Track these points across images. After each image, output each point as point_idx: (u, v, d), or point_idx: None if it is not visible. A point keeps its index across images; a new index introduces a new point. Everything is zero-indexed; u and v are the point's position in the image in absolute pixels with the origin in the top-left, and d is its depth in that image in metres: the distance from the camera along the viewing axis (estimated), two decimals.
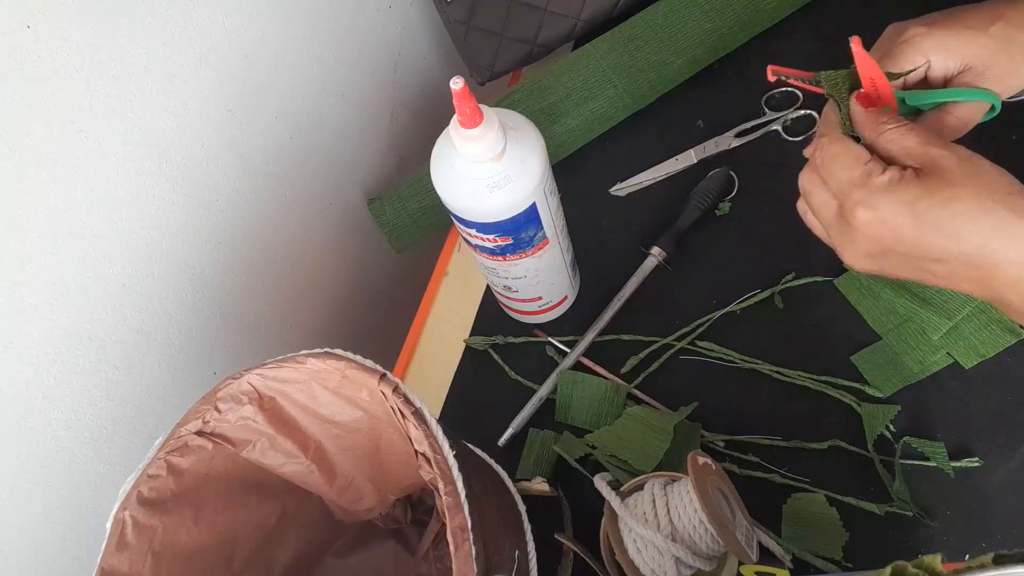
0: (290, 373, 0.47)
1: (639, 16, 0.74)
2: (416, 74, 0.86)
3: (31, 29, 0.45)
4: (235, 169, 0.64)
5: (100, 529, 0.46)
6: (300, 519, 0.57)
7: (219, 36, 0.59)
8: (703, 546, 0.49)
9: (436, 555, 0.61)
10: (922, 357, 0.58)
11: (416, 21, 0.84)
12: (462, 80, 0.46)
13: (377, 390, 0.44)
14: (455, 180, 0.53)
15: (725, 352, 0.63)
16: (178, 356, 0.63)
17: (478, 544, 0.39)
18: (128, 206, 0.55)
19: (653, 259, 0.67)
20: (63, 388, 0.54)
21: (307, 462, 0.53)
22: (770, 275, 0.65)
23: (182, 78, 0.57)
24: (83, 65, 0.49)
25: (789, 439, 0.59)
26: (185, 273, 0.62)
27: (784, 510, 0.57)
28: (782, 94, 0.73)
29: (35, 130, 0.47)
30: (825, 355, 0.61)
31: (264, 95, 0.65)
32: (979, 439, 0.56)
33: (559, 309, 0.68)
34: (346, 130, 0.77)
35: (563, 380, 0.65)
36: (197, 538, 0.49)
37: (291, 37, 0.67)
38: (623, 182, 0.73)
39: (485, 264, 0.61)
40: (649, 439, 0.59)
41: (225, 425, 0.49)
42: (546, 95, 0.72)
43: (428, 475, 0.42)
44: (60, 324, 0.53)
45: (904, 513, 0.54)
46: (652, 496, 0.52)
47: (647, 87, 0.73)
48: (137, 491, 0.46)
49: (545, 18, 0.76)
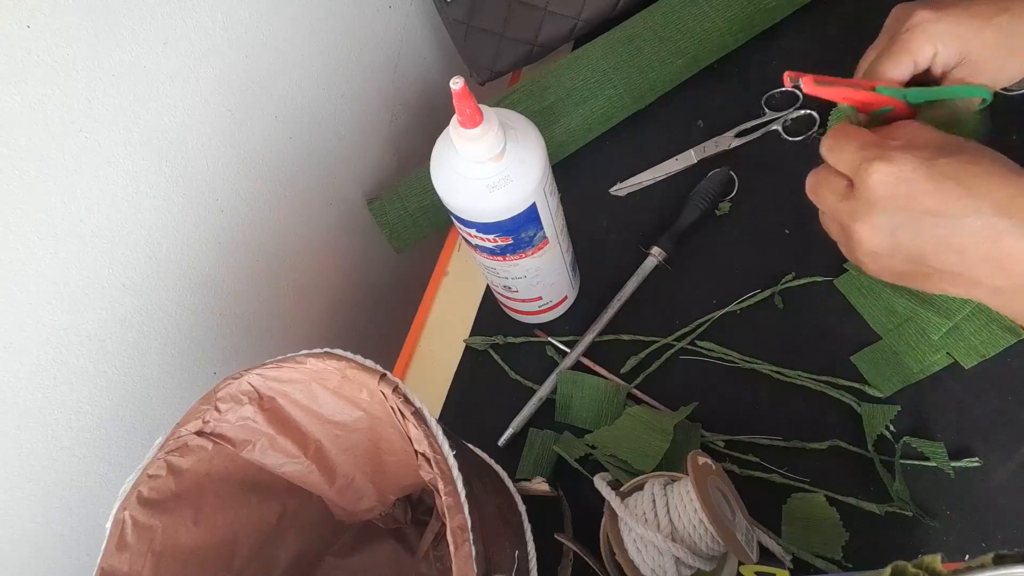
0: (290, 373, 0.47)
1: (639, 16, 0.74)
2: (416, 74, 0.86)
3: (31, 29, 0.45)
4: (235, 169, 0.64)
5: (100, 529, 0.46)
6: (300, 519, 0.57)
7: (219, 36, 0.59)
8: (703, 546, 0.49)
9: (436, 555, 0.61)
10: (922, 357, 0.58)
11: (416, 21, 0.84)
12: (462, 80, 0.46)
13: (377, 390, 0.44)
14: (455, 180, 0.53)
15: (725, 352, 0.63)
16: (178, 356, 0.63)
17: (478, 544, 0.39)
18: (128, 206, 0.55)
19: (653, 259, 0.67)
20: (63, 388, 0.54)
21: (307, 462, 0.53)
22: (770, 275, 0.65)
23: (182, 78, 0.57)
24: (83, 65, 0.49)
25: (789, 439, 0.59)
26: (185, 273, 0.62)
27: (784, 510, 0.57)
28: (782, 94, 0.73)
29: (35, 130, 0.47)
30: (825, 355, 0.61)
31: (264, 95, 0.65)
32: (979, 439, 0.56)
33: (559, 309, 0.68)
34: (346, 130, 0.77)
35: (563, 380, 0.65)
36: (197, 538, 0.49)
37: (291, 37, 0.67)
38: (623, 182, 0.73)
39: (485, 264, 0.61)
40: (649, 439, 0.59)
41: (225, 425, 0.49)
42: (546, 95, 0.72)
43: (428, 475, 0.42)
44: (60, 324, 0.53)
45: (904, 513, 0.54)
46: (652, 496, 0.52)
47: (647, 87, 0.73)
48: (137, 491, 0.46)
49: (545, 18, 0.76)
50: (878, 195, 0.41)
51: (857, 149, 0.42)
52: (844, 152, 0.43)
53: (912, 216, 0.41)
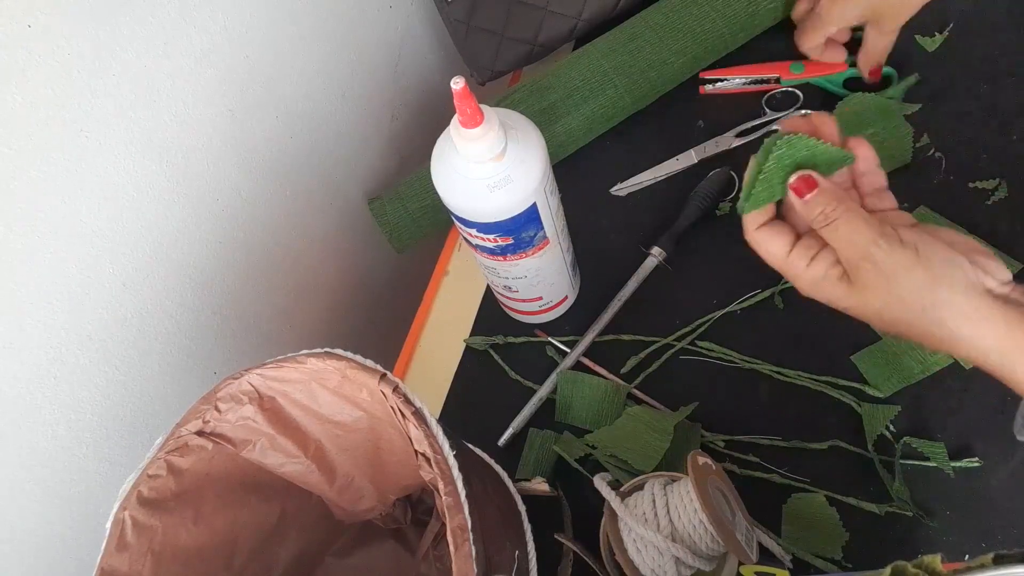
0: (290, 373, 0.47)
1: (639, 16, 0.74)
2: (416, 74, 0.86)
3: (31, 29, 0.45)
4: (235, 169, 0.64)
5: (100, 529, 0.46)
6: (300, 519, 0.57)
7: (219, 36, 0.59)
8: (703, 546, 0.49)
9: (436, 555, 0.61)
10: (922, 357, 0.58)
11: (416, 21, 0.84)
12: (463, 80, 0.46)
13: (377, 390, 0.44)
14: (455, 180, 0.53)
15: (725, 352, 0.63)
16: (178, 356, 0.63)
17: (478, 544, 0.39)
18: (128, 206, 0.55)
19: (653, 259, 0.67)
20: (63, 388, 0.54)
21: (307, 462, 0.53)
22: (770, 275, 0.64)
23: (182, 78, 0.57)
24: (83, 65, 0.49)
25: (789, 439, 0.59)
26: (185, 273, 0.62)
27: (784, 510, 0.57)
28: (783, 94, 0.73)
29: (35, 130, 0.47)
30: (825, 355, 0.61)
31: (264, 95, 0.65)
32: (979, 439, 0.56)
33: (559, 309, 0.68)
34: (346, 130, 0.77)
35: (563, 380, 0.65)
36: (197, 538, 0.49)
37: (292, 37, 0.67)
38: (623, 182, 0.73)
39: (485, 264, 0.61)
40: (649, 439, 0.59)
41: (225, 425, 0.49)
42: (546, 95, 0.72)
43: (428, 475, 0.42)
44: (60, 324, 0.53)
45: (904, 513, 0.54)
46: (652, 496, 0.52)
47: (647, 87, 0.73)
48: (137, 491, 0.46)
49: (545, 18, 0.76)
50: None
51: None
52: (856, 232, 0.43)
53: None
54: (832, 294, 0.45)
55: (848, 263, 0.44)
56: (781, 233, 0.46)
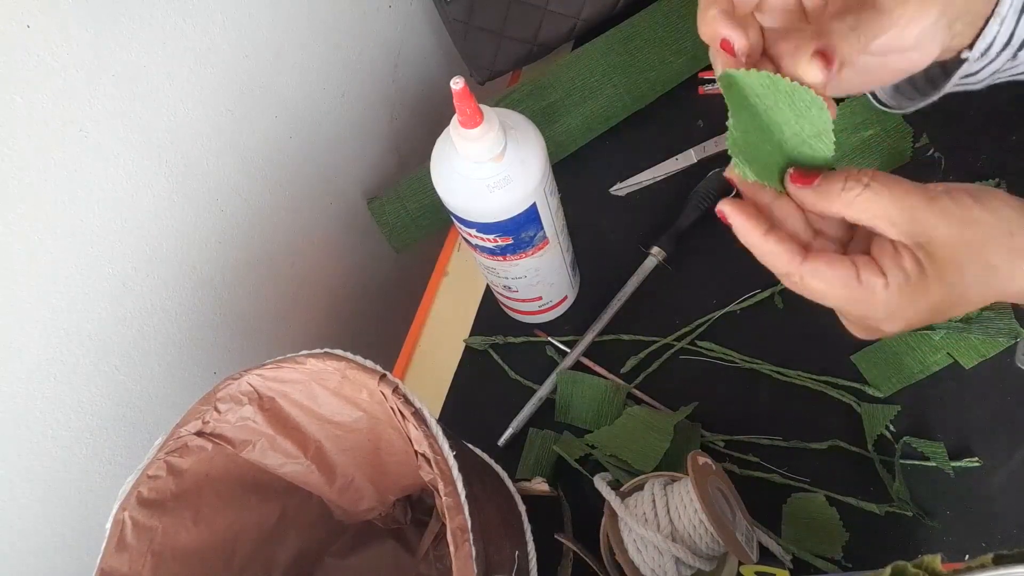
0: (290, 373, 0.47)
1: (639, 16, 0.74)
2: (416, 74, 0.86)
3: (31, 29, 0.45)
4: (235, 169, 0.64)
5: (100, 529, 0.46)
6: (300, 519, 0.57)
7: (219, 36, 0.59)
8: (703, 546, 0.49)
9: (436, 555, 0.61)
10: (922, 357, 0.58)
11: (416, 20, 0.84)
12: (462, 80, 0.46)
13: (377, 390, 0.44)
14: (455, 180, 0.53)
15: (725, 352, 0.63)
16: (178, 356, 0.63)
17: (478, 544, 0.39)
18: (128, 206, 0.55)
19: (653, 259, 0.67)
20: (63, 388, 0.54)
21: (307, 462, 0.53)
22: (770, 275, 0.64)
23: (182, 78, 0.57)
24: (83, 65, 0.49)
25: (789, 439, 0.59)
26: (185, 273, 0.62)
27: (784, 510, 0.57)
28: None
29: (35, 130, 0.47)
30: (825, 355, 0.61)
31: (264, 95, 0.65)
32: (979, 439, 0.56)
33: (559, 309, 0.68)
34: (346, 130, 0.77)
35: (563, 380, 0.65)
36: (197, 538, 0.49)
37: (291, 37, 0.67)
38: (623, 182, 0.73)
39: (485, 264, 0.61)
40: (649, 439, 0.59)
41: (225, 425, 0.49)
42: (546, 95, 0.72)
43: (428, 475, 0.42)
44: (60, 324, 0.53)
45: (904, 513, 0.54)
46: (652, 496, 0.52)
47: (647, 87, 0.72)
48: (137, 491, 0.46)
49: (545, 17, 0.76)
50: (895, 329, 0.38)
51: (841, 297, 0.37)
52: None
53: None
54: (917, 303, 0.36)
55: (911, 236, 0.35)
56: (833, 262, 0.37)
